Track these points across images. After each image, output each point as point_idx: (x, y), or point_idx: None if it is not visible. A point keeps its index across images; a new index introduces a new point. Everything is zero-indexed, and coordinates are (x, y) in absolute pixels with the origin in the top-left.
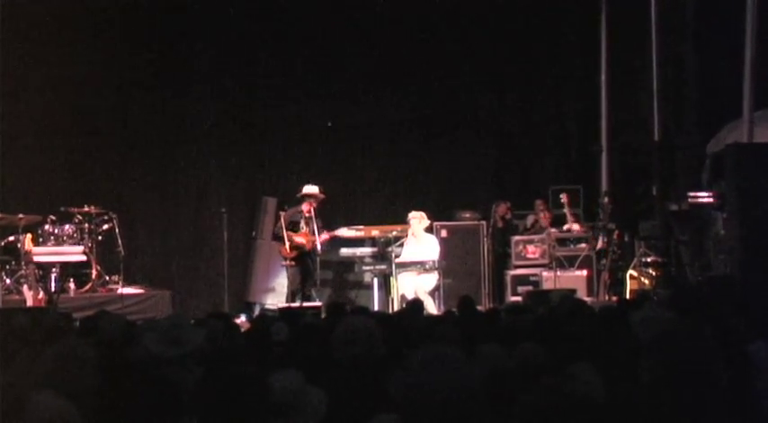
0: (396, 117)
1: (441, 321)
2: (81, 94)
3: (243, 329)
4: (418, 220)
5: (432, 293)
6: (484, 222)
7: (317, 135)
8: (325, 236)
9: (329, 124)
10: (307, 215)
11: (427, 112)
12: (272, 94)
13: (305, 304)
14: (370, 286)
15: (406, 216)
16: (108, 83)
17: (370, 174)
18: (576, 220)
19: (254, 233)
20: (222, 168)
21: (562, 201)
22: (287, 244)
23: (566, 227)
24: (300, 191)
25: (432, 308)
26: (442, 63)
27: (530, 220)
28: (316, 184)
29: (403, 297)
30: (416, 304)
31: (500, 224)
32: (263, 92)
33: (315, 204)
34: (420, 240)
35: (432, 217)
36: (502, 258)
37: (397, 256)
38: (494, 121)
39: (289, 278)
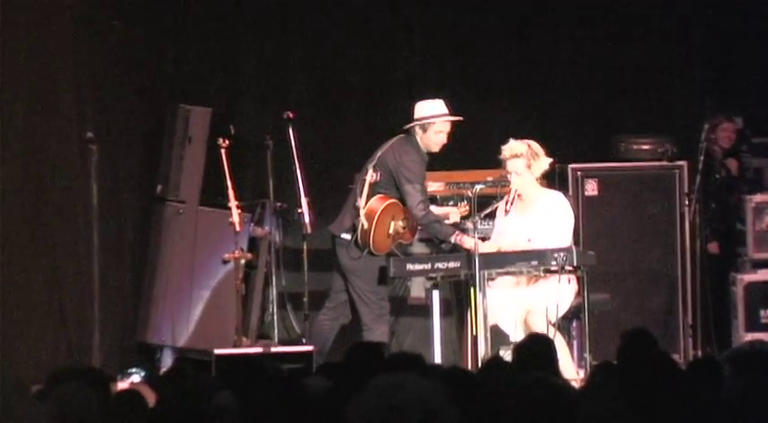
0: None
1: (587, 390)
2: None
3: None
4: (526, 159)
5: (562, 324)
6: (684, 163)
7: None
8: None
9: None
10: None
11: None
12: None
13: (273, 348)
14: (422, 307)
15: (500, 153)
16: None
17: (430, 62)
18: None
19: (158, 188)
20: (91, 45)
21: None
22: (397, 226)
23: None
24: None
25: (565, 357)
26: None
27: None
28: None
29: (496, 330)
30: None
31: (724, 169)
32: None
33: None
34: (530, 205)
35: (558, 153)
36: (725, 243)
37: (483, 240)
38: None
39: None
